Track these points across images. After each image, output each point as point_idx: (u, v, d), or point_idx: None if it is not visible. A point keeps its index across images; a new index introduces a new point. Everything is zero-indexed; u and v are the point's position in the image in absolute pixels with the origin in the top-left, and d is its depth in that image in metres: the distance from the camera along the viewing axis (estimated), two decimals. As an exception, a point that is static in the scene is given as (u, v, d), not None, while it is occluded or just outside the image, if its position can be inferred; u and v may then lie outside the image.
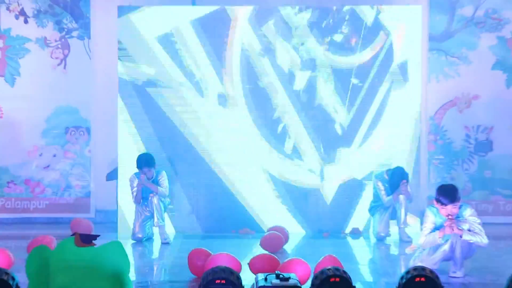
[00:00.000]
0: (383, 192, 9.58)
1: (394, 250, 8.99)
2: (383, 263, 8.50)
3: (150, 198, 9.37)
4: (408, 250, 8.65)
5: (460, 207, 7.19)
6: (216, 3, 10.34)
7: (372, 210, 9.73)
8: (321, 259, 6.68)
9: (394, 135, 10.21)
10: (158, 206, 9.33)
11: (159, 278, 7.61)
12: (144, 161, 9.44)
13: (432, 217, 7.25)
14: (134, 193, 9.48)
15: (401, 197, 9.45)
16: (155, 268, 8.21)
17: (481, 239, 7.09)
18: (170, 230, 9.81)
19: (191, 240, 9.36)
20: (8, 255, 7.23)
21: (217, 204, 10.22)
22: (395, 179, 9.54)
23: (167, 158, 10.09)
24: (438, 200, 7.19)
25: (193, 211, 10.17)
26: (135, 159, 9.57)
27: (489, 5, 10.94)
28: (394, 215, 9.55)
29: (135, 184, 9.49)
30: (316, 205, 10.17)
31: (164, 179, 9.54)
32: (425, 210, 7.53)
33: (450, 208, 7.09)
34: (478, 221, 7.20)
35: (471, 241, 7.06)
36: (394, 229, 9.58)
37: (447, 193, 7.17)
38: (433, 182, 10.60)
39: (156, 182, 9.46)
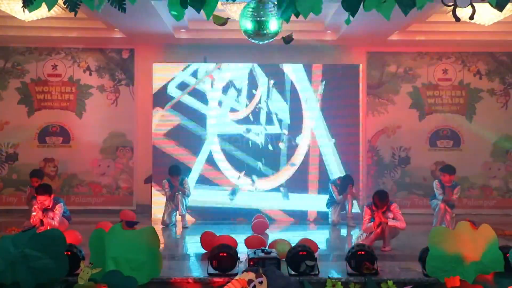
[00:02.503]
0: (336, 193, 9.56)
1: (343, 233, 8.96)
2: (336, 241, 8.49)
3: (175, 195, 9.32)
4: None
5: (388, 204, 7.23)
6: (222, 61, 10.35)
7: (328, 205, 9.69)
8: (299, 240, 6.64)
9: (344, 153, 10.18)
10: (181, 201, 9.28)
11: (181, 252, 7.57)
12: (174, 171, 9.39)
13: (369, 211, 7.27)
14: (167, 192, 9.42)
15: (349, 196, 9.44)
16: (178, 245, 8.17)
17: (401, 225, 7.15)
18: (188, 218, 9.73)
19: (202, 225, 9.31)
20: (77, 234, 7.20)
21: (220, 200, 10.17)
22: (345, 183, 9.54)
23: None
24: (374, 203, 7.21)
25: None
26: (166, 169, 9.45)
27: (407, 65, 11.03)
28: (343, 208, 9.54)
29: (166, 186, 9.44)
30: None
31: (187, 184, 9.50)
32: (364, 206, 7.54)
33: (381, 208, 7.13)
34: (400, 212, 7.25)
35: (394, 226, 7.11)
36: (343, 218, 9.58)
37: (381, 197, 7.20)
38: (370, 186, 10.64)
39: (181, 185, 9.41)
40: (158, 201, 9.89)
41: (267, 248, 6.18)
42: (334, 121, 10.13)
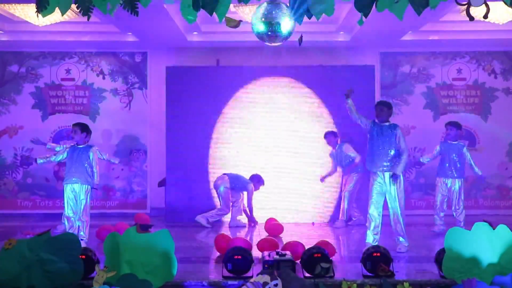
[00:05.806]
0: None
1: (359, 234, 8.88)
2: (351, 243, 8.42)
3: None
4: None
5: None
6: (233, 64, 10.37)
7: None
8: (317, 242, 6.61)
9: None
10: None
11: (195, 255, 7.55)
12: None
13: None
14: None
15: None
16: (192, 248, 8.12)
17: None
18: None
19: (216, 228, 9.30)
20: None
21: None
22: None
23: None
24: None
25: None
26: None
27: (420, 65, 10.97)
28: None
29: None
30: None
31: None
32: None
33: None
34: None
35: None
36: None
37: None
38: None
39: None
40: (172, 203, 9.88)
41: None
42: (350, 123, 10.03)
